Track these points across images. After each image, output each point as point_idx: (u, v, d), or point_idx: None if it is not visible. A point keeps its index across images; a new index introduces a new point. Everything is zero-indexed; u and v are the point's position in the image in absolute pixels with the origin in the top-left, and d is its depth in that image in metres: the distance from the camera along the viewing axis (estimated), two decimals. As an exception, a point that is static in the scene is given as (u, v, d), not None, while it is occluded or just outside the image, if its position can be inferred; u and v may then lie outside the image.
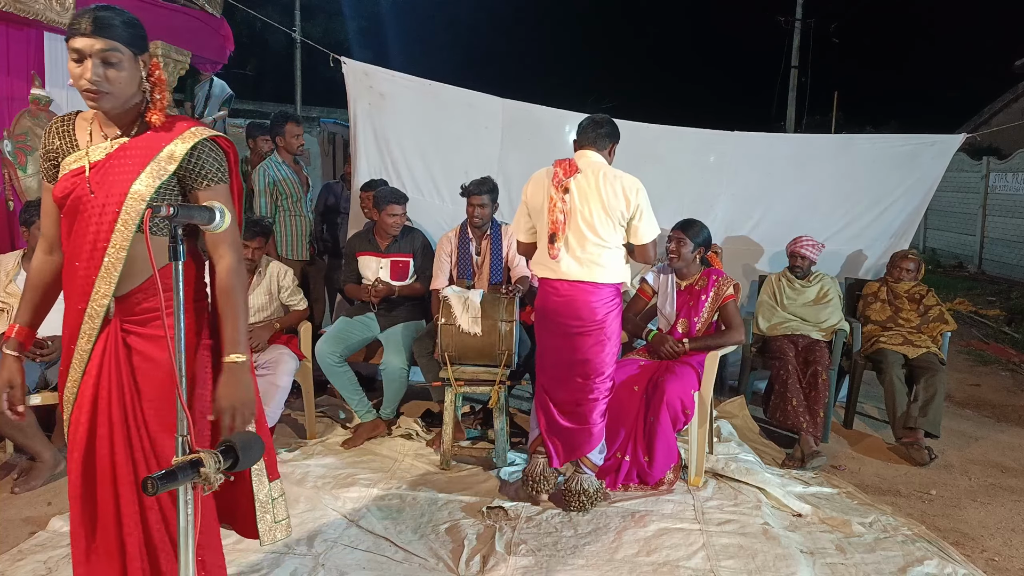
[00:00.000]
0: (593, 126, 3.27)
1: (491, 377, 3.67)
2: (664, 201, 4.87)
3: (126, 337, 1.90)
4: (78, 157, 1.87)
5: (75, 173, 1.86)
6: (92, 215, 1.83)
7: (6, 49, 3.73)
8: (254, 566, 2.74)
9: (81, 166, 1.85)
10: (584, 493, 3.23)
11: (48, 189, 1.94)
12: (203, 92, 7.11)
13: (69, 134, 1.91)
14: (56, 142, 1.91)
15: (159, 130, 1.87)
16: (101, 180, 1.83)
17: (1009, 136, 11.30)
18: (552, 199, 3.14)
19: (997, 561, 3.02)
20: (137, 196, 1.82)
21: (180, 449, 1.55)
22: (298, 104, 20.50)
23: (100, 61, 1.76)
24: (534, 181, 3.28)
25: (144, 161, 1.84)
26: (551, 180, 3.16)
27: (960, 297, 9.04)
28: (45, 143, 1.94)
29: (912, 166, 4.89)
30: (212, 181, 1.89)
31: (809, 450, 3.85)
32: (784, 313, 4.50)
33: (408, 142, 4.93)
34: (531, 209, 3.28)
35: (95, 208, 1.83)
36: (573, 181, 3.14)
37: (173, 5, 4.24)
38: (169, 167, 1.85)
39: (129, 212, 1.82)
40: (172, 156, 1.85)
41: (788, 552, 2.93)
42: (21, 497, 3.29)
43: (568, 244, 3.15)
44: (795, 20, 19.27)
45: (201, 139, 1.88)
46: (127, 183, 1.82)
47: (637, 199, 3.13)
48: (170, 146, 1.86)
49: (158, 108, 1.87)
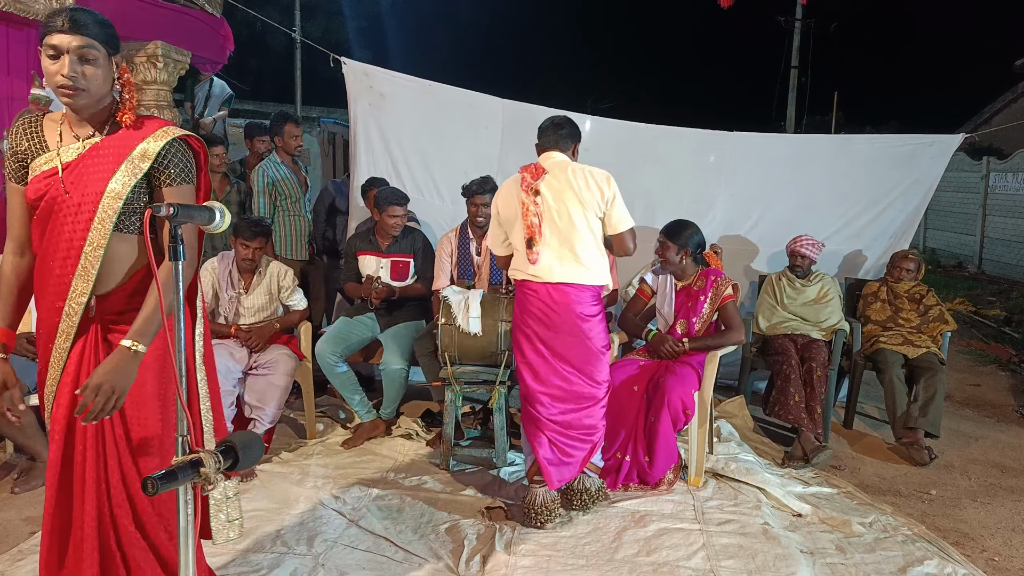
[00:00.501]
0: (554, 128, 3.22)
1: (491, 377, 3.67)
2: (664, 201, 4.90)
3: (107, 334, 1.93)
4: (49, 158, 1.87)
5: (48, 174, 1.86)
6: (68, 215, 1.85)
7: (6, 49, 3.73)
8: (254, 566, 2.74)
9: (54, 167, 1.86)
10: (586, 492, 3.23)
11: (16, 191, 1.93)
12: (203, 92, 7.12)
13: (37, 135, 1.90)
14: (24, 143, 1.91)
15: (130, 129, 1.89)
16: (75, 180, 1.85)
17: (1009, 136, 11.31)
18: (524, 204, 3.10)
19: (997, 561, 3.02)
20: (113, 194, 1.84)
21: (180, 449, 1.55)
22: (298, 104, 20.49)
23: (77, 58, 1.77)
24: (503, 192, 3.25)
25: (118, 160, 1.86)
26: (520, 186, 3.12)
27: (960, 297, 9.04)
28: (12, 144, 1.92)
29: (911, 166, 4.89)
30: (179, 180, 1.91)
31: (811, 446, 3.85)
32: (784, 312, 4.50)
33: (408, 142, 4.93)
34: (503, 220, 3.23)
35: (70, 208, 1.84)
36: (542, 183, 3.10)
37: (173, 5, 4.24)
38: (143, 165, 1.87)
39: (106, 211, 1.84)
40: (146, 154, 1.87)
41: (788, 552, 2.93)
42: (21, 497, 3.29)
43: (547, 245, 3.09)
44: (795, 20, 19.27)
45: (173, 138, 1.90)
46: (103, 182, 1.84)
47: (610, 187, 3.12)
48: (143, 144, 1.87)
49: (128, 107, 1.89)
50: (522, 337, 3.17)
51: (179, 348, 1.56)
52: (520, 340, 3.18)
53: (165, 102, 4.27)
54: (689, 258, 3.77)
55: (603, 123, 5.06)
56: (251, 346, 3.70)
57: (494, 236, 3.32)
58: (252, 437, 1.59)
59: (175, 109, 4.37)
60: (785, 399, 3.99)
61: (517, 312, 3.20)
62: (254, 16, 5.55)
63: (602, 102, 21.18)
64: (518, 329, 3.20)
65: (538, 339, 3.12)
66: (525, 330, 3.16)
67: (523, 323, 3.16)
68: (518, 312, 3.19)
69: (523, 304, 3.16)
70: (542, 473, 3.11)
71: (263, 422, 3.61)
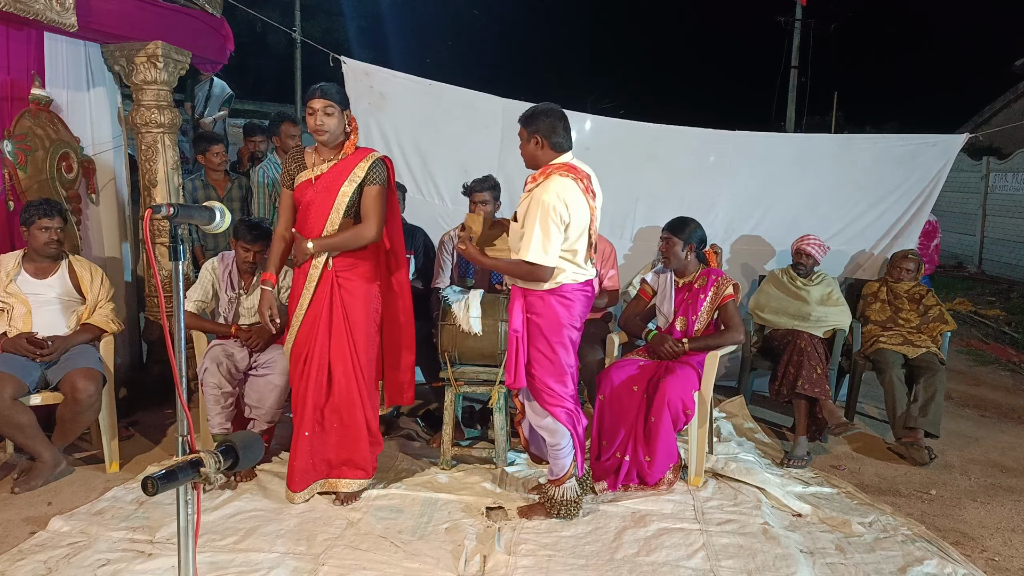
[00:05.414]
0: (566, 129, 3.05)
1: (491, 377, 3.67)
2: (664, 201, 4.90)
3: (337, 278, 3.19)
4: (307, 173, 3.17)
5: (307, 183, 3.16)
6: (317, 208, 3.14)
7: (6, 49, 3.72)
8: (254, 566, 2.74)
9: (309, 178, 3.16)
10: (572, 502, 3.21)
11: (287, 193, 3.26)
12: (203, 92, 7.13)
13: (300, 160, 3.24)
14: (292, 165, 3.24)
15: (352, 155, 3.17)
16: (323, 186, 3.14)
17: (1009, 136, 11.30)
18: (592, 208, 3.03)
19: (997, 561, 3.02)
20: (343, 195, 3.12)
21: (180, 449, 1.55)
22: (298, 104, 20.49)
23: (322, 112, 3.06)
24: (572, 199, 2.92)
25: (346, 174, 3.14)
26: (584, 194, 2.99)
27: (960, 297, 9.05)
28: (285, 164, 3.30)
29: (913, 166, 4.87)
30: (375, 182, 3.16)
31: (836, 419, 3.88)
32: (783, 310, 4.49)
33: (408, 142, 4.93)
34: (574, 227, 2.96)
35: (319, 204, 3.14)
36: (594, 186, 3.08)
37: (173, 5, 4.23)
38: (360, 175, 3.14)
39: (339, 205, 3.12)
40: (363, 168, 3.15)
41: (788, 552, 2.93)
42: (21, 497, 3.29)
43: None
44: (795, 20, 19.27)
45: (375, 159, 3.18)
46: (338, 187, 3.13)
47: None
48: (361, 163, 3.16)
49: (351, 143, 3.17)
50: (569, 342, 3.09)
51: (179, 348, 1.56)
52: (568, 345, 3.09)
53: (165, 102, 4.26)
54: (693, 254, 3.77)
55: (603, 123, 5.06)
56: (251, 346, 3.69)
57: (554, 244, 2.91)
58: (252, 437, 1.59)
59: (175, 109, 4.36)
60: (808, 373, 3.95)
61: (565, 314, 3.04)
62: (254, 16, 5.55)
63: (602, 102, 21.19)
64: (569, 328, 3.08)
65: (572, 342, 3.12)
66: (571, 333, 3.10)
67: (572, 325, 3.09)
68: (567, 314, 3.05)
69: (579, 304, 3.09)
70: (579, 458, 3.19)
71: (262, 422, 3.60)
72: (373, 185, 3.15)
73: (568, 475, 3.16)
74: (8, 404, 3.21)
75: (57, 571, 2.68)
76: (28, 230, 3.52)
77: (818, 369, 3.97)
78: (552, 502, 3.16)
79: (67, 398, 3.35)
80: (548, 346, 3.05)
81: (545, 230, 2.87)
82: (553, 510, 3.16)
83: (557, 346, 3.05)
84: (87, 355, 3.51)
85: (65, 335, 3.55)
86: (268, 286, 3.25)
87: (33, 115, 3.83)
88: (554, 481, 3.17)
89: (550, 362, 3.06)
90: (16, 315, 3.50)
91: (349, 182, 3.11)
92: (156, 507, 3.15)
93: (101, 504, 3.21)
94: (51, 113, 3.96)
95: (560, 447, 3.12)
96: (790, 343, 4.13)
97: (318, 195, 3.13)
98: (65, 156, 4.02)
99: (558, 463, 3.15)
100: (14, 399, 3.24)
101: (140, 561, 2.75)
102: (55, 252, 3.59)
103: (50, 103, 3.94)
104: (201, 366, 3.57)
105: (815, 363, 3.98)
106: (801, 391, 3.94)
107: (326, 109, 3.05)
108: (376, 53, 21.15)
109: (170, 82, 4.26)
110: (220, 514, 3.14)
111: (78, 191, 4.14)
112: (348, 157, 3.15)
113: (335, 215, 3.12)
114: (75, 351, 3.52)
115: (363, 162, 3.14)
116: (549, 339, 3.04)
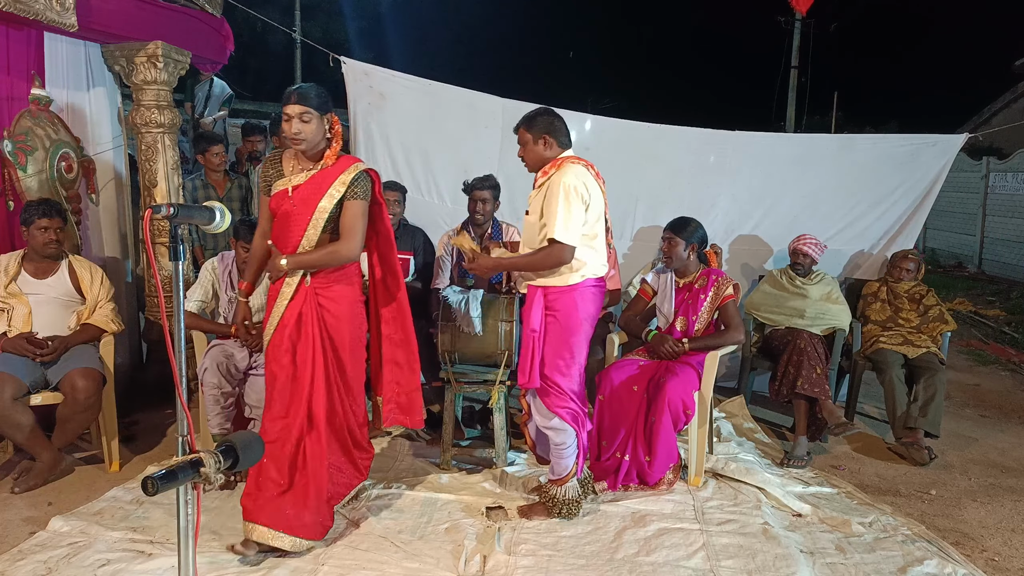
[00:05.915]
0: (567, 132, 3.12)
1: (491, 377, 3.67)
2: (664, 201, 4.90)
3: (317, 296, 2.86)
4: (284, 182, 2.85)
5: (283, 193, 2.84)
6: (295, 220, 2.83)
7: (6, 49, 3.72)
8: (255, 566, 2.74)
9: (285, 188, 2.83)
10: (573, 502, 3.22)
11: (264, 201, 2.95)
12: (203, 92, 7.12)
13: (278, 166, 2.91)
14: (270, 170, 2.92)
15: (333, 165, 2.83)
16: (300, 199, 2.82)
17: (1009, 136, 11.28)
18: (604, 194, 3.10)
19: (997, 561, 3.02)
20: (321, 210, 2.81)
21: (180, 449, 1.55)
22: (298, 104, 20.45)
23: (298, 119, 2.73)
24: (583, 176, 2.96)
25: (325, 187, 2.81)
26: (594, 177, 3.05)
27: (960, 297, 9.04)
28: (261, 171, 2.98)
29: (914, 166, 4.87)
30: (359, 197, 2.84)
31: (836, 419, 3.87)
32: (780, 307, 4.49)
33: (408, 142, 4.93)
34: (593, 207, 3.00)
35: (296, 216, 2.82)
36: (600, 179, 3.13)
37: (173, 5, 4.23)
38: (341, 189, 2.82)
39: (317, 219, 2.81)
40: (343, 182, 2.82)
41: (788, 552, 2.93)
42: (21, 497, 3.29)
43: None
44: (795, 20, 19.23)
45: (359, 171, 2.86)
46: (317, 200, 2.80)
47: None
48: (342, 176, 2.82)
49: (333, 152, 2.84)
50: (585, 339, 3.10)
51: (179, 348, 1.56)
52: (583, 343, 3.10)
53: (165, 102, 4.26)
54: (694, 254, 3.78)
55: (603, 123, 5.06)
56: (251, 346, 3.69)
57: (576, 223, 2.92)
58: (252, 437, 1.59)
59: (175, 109, 4.36)
60: (808, 373, 3.95)
61: (585, 309, 3.05)
62: (254, 16, 5.55)
63: (602, 102, 21.18)
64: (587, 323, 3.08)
65: (587, 339, 3.13)
66: (588, 329, 3.10)
67: (589, 321, 3.09)
68: (586, 309, 3.06)
69: (597, 301, 3.10)
70: (580, 457, 3.18)
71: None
72: (355, 200, 2.83)
73: (570, 475, 3.16)
74: (8, 404, 3.22)
75: (57, 571, 2.68)
76: (28, 230, 3.52)
77: (818, 369, 3.98)
78: (553, 501, 3.16)
79: (67, 398, 3.36)
80: (564, 344, 3.06)
81: (568, 209, 2.90)
82: (554, 509, 3.16)
83: (573, 343, 3.07)
84: (87, 355, 3.51)
85: (65, 335, 3.56)
86: (243, 296, 3.10)
87: (33, 115, 3.83)
88: (556, 480, 3.18)
89: (563, 361, 3.07)
90: (16, 315, 3.50)
91: (328, 197, 2.79)
92: (156, 507, 3.16)
93: (101, 504, 3.22)
94: (51, 113, 3.96)
95: (565, 446, 3.13)
96: (790, 343, 4.13)
97: (295, 208, 2.82)
98: (65, 156, 4.02)
99: (561, 462, 3.15)
100: (14, 399, 3.24)
101: (140, 561, 2.75)
102: (55, 252, 3.59)
103: (50, 103, 3.94)
104: (201, 366, 3.56)
105: (815, 363, 3.98)
106: (801, 391, 3.94)
107: (303, 116, 2.72)
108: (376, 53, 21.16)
109: (170, 82, 4.26)
110: (220, 514, 3.14)
111: (78, 191, 4.14)
112: (328, 168, 2.82)
113: (312, 231, 2.81)
114: (75, 351, 3.52)
115: (344, 174, 2.81)
116: (566, 336, 3.05)
